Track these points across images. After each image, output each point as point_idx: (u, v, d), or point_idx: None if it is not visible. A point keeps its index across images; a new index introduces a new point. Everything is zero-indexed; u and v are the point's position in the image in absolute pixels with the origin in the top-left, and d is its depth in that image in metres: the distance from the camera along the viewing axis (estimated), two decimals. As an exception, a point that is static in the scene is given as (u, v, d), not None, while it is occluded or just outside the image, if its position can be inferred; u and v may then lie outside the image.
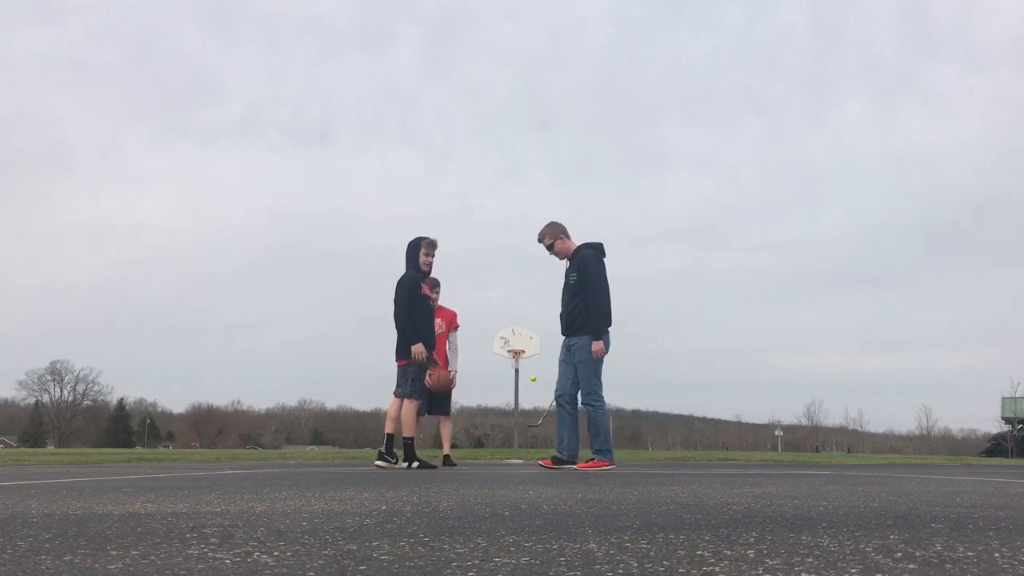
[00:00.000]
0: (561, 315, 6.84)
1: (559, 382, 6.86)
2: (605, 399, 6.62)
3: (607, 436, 6.55)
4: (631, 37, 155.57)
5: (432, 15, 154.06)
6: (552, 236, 6.87)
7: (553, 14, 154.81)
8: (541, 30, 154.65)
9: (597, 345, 6.54)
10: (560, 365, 6.86)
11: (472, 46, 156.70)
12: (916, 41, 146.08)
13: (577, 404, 6.70)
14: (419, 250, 7.04)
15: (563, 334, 6.84)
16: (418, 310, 6.92)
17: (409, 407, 6.83)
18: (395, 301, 6.94)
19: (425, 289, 7.04)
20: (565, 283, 6.83)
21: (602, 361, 6.61)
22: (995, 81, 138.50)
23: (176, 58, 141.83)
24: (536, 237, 6.91)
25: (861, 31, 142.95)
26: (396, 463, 6.85)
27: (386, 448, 6.91)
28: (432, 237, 7.14)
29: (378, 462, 6.85)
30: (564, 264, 6.94)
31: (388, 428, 6.99)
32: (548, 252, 6.92)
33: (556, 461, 6.61)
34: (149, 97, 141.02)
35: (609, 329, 6.69)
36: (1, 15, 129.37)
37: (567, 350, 6.80)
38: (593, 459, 6.50)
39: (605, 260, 6.82)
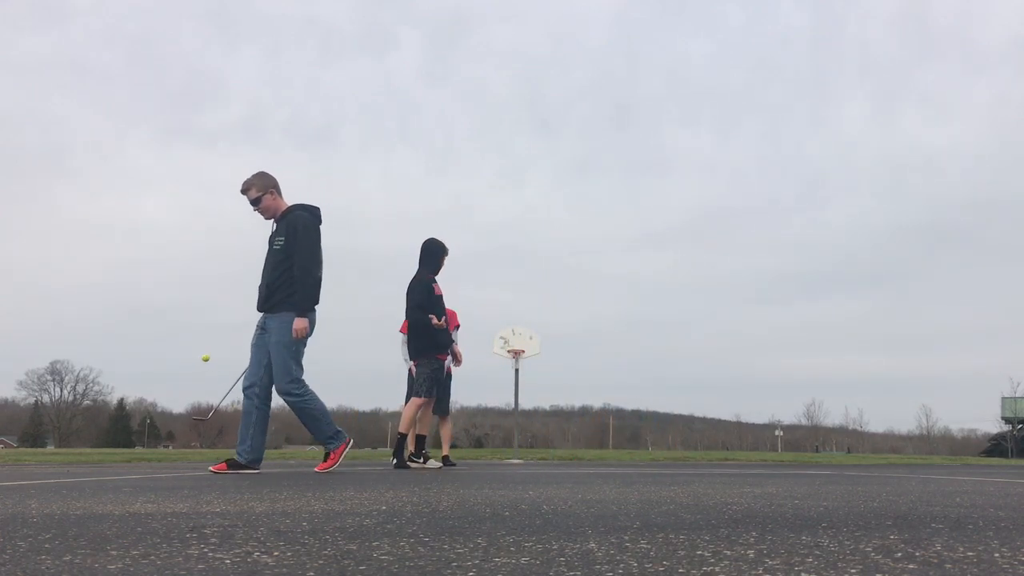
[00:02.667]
0: (260, 287, 5.68)
1: (248, 369, 5.61)
2: (312, 390, 5.52)
3: (328, 419, 5.49)
4: (631, 38, 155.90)
5: (433, 16, 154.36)
6: (261, 188, 5.65)
7: (553, 15, 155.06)
8: (541, 31, 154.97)
9: (300, 323, 5.46)
10: (252, 349, 5.63)
11: (472, 47, 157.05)
12: (915, 42, 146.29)
13: (270, 397, 5.57)
14: (442, 256, 7.02)
15: (259, 309, 5.65)
16: (434, 310, 6.87)
17: (409, 405, 6.91)
18: (410, 300, 6.82)
19: (438, 289, 6.98)
20: (269, 249, 5.67)
21: (303, 343, 5.54)
22: (994, 82, 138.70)
23: (177, 59, 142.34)
24: (240, 187, 5.66)
25: (861, 32, 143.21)
26: (424, 463, 7.10)
27: (416, 450, 7.13)
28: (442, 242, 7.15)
29: (409, 463, 6.97)
30: (270, 226, 5.78)
31: (419, 430, 7.15)
32: (252, 207, 5.69)
33: (232, 465, 5.41)
34: (151, 98, 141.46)
35: (315, 309, 5.65)
36: (4, 17, 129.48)
37: (262, 330, 5.64)
38: (329, 452, 5.50)
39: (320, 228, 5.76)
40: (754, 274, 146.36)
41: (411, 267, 7.09)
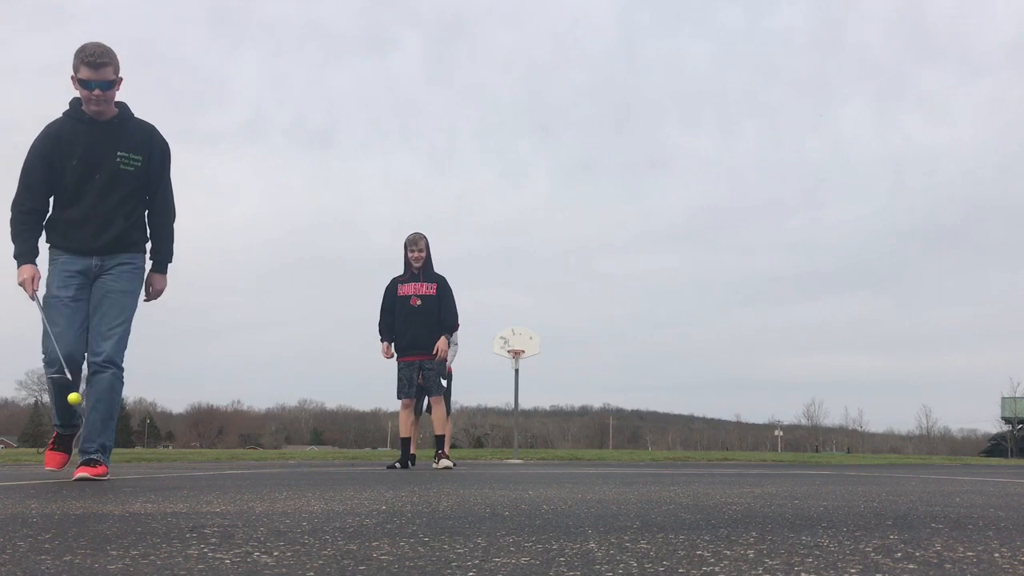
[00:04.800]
0: (96, 214, 4.07)
1: (62, 338, 3.97)
2: None
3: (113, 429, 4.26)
4: (632, 40, 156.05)
5: (434, 19, 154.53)
6: (117, 71, 4.05)
7: (554, 17, 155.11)
8: (543, 34, 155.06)
9: (164, 282, 4.35)
10: (67, 305, 4.03)
11: (474, 49, 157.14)
12: (913, 45, 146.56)
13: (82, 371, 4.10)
14: (405, 251, 6.91)
15: (99, 250, 4.10)
16: (387, 312, 6.85)
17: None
18: None
19: (405, 289, 6.81)
20: (106, 162, 4.08)
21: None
22: (991, 84, 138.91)
23: (180, 63, 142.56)
24: (91, 56, 3.94)
25: (859, 35, 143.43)
26: (437, 462, 7.03)
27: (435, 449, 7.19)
28: (412, 233, 6.89)
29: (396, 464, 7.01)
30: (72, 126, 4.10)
31: (436, 430, 7.11)
32: (93, 89, 3.98)
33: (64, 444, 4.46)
34: (153, 101, 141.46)
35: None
36: (7, 20, 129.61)
37: (85, 280, 4.09)
38: (101, 462, 4.18)
39: None
40: (754, 274, 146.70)
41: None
